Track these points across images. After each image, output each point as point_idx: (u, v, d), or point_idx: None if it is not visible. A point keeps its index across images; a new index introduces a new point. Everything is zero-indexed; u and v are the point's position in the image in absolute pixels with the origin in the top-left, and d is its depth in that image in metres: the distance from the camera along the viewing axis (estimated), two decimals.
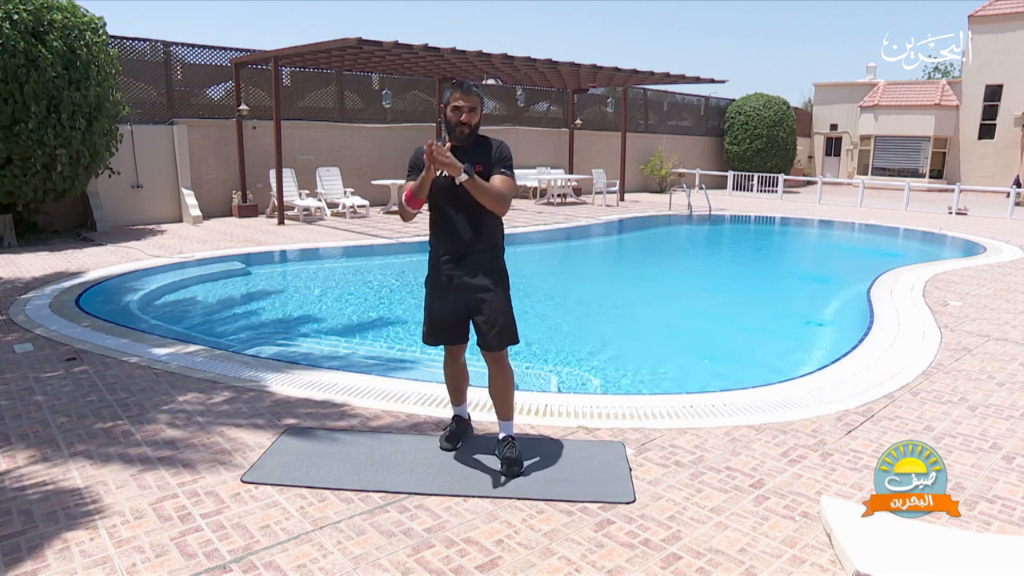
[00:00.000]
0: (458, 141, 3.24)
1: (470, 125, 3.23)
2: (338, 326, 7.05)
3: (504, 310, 3.32)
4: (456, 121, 3.22)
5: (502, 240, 3.45)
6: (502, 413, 3.46)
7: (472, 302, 3.31)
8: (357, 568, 2.61)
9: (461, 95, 3.20)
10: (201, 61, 13.93)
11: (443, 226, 3.32)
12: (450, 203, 3.26)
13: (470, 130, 3.24)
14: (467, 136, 3.24)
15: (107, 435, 3.76)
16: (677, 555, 2.74)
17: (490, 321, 3.29)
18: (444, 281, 3.35)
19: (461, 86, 3.23)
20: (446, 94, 3.26)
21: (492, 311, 3.29)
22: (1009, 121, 27.46)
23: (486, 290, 3.29)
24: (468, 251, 3.30)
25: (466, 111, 3.21)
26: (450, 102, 3.23)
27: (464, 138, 3.24)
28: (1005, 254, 11.29)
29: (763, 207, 19.62)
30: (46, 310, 6.54)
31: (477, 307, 3.30)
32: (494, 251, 3.38)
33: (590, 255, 13.10)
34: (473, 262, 3.30)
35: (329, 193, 14.61)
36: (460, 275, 3.30)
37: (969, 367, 5.21)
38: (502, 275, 3.37)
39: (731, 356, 6.41)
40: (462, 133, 3.23)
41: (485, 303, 3.29)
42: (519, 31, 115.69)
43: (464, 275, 3.30)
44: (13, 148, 9.60)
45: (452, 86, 3.25)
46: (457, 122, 3.21)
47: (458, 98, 3.20)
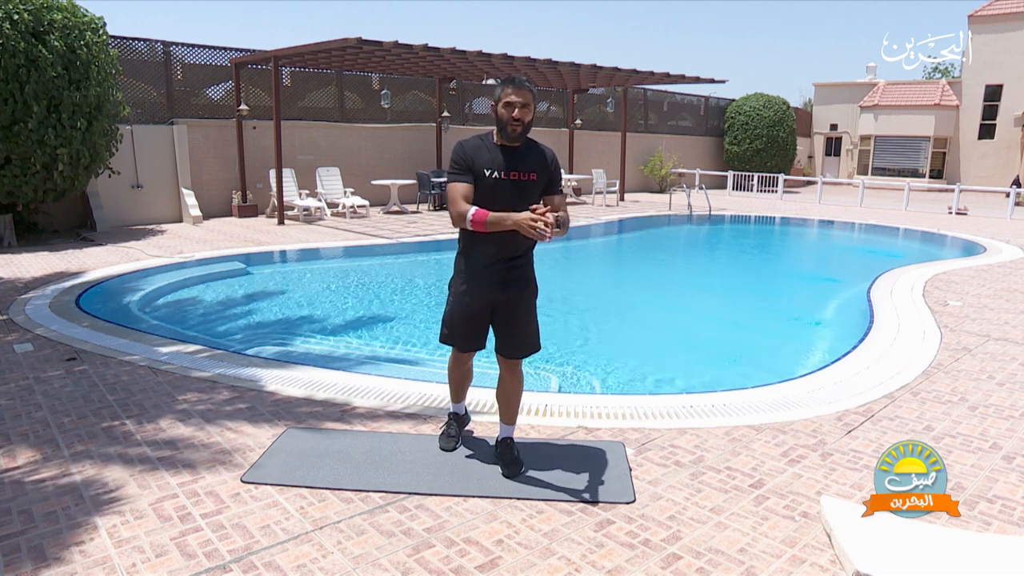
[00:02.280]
0: (509, 140, 3.12)
1: (523, 122, 3.07)
2: (338, 326, 7.05)
3: (534, 320, 3.32)
4: (508, 118, 3.06)
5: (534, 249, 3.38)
6: (507, 417, 3.45)
7: (505, 311, 3.26)
8: (357, 568, 2.61)
9: (514, 90, 3.06)
10: (201, 61, 13.93)
11: (492, 233, 3.08)
12: (506, 211, 3.02)
13: (523, 128, 3.08)
14: (519, 135, 3.10)
15: (107, 435, 3.76)
16: (677, 555, 2.74)
17: (521, 331, 3.27)
18: (482, 288, 3.23)
19: (514, 81, 3.09)
20: (497, 91, 3.12)
21: (523, 320, 3.28)
22: (1009, 121, 27.47)
23: (520, 300, 3.27)
24: (512, 259, 3.22)
25: (519, 107, 3.04)
26: (501, 98, 3.07)
27: (516, 136, 3.09)
28: (1005, 254, 11.29)
29: (763, 207, 19.62)
30: (46, 310, 6.54)
31: (511, 316, 3.26)
32: (530, 260, 3.33)
33: (590, 255, 13.09)
34: (515, 270, 3.24)
35: (329, 193, 14.61)
36: (499, 283, 3.21)
37: (969, 367, 5.21)
38: (535, 285, 3.35)
39: (731, 356, 6.41)
40: (514, 131, 3.08)
41: (519, 313, 3.27)
42: (519, 31, 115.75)
43: (504, 283, 3.22)
44: (13, 148, 9.59)
45: (504, 82, 3.10)
46: (509, 119, 3.06)
47: (511, 93, 3.06)
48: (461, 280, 3.30)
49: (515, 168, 3.12)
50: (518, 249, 3.23)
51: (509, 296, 3.25)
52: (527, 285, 3.29)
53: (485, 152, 3.13)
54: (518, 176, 3.12)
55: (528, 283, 3.30)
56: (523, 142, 3.17)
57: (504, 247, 3.18)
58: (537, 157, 3.20)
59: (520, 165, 3.13)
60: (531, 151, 3.19)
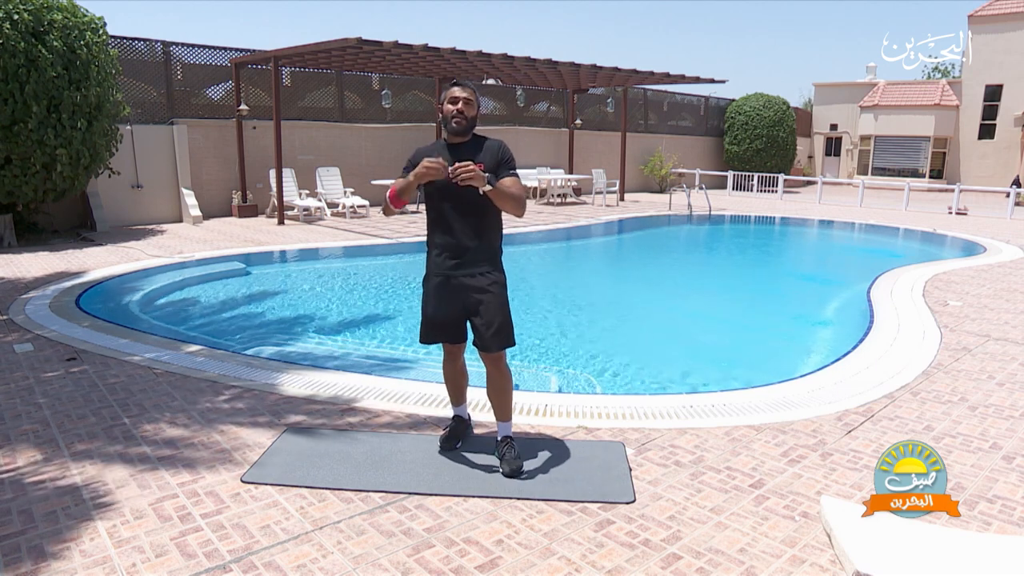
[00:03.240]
0: (454, 135, 3.26)
1: (466, 116, 3.22)
2: (338, 326, 7.05)
3: (502, 311, 3.31)
4: (453, 111, 3.21)
5: (500, 241, 3.45)
6: (500, 414, 3.46)
7: (470, 302, 3.30)
8: (357, 568, 2.61)
9: (457, 87, 3.24)
10: (201, 61, 13.93)
11: (442, 226, 3.31)
12: (450, 203, 3.25)
13: (467, 122, 3.23)
14: (463, 129, 3.24)
15: (107, 435, 3.76)
16: (677, 555, 2.74)
17: (487, 322, 3.28)
18: (442, 281, 3.33)
19: (457, 82, 3.29)
20: (443, 92, 3.29)
21: (490, 312, 3.28)
22: (1009, 121, 27.47)
23: (484, 291, 3.29)
24: (467, 251, 3.28)
25: (462, 101, 3.21)
26: (446, 96, 3.25)
27: (460, 131, 3.24)
28: (1005, 254, 11.29)
29: (763, 207, 19.62)
30: (46, 310, 6.54)
31: (475, 308, 3.29)
32: (493, 252, 3.37)
33: (590, 255, 13.09)
34: (472, 262, 3.29)
35: (329, 193, 14.61)
36: (459, 275, 3.29)
37: (969, 367, 5.21)
38: (500, 276, 3.37)
39: (731, 356, 6.41)
40: (459, 124, 3.22)
41: (483, 304, 3.28)
42: (519, 31, 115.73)
43: (463, 275, 3.29)
44: (13, 148, 9.60)
45: (448, 85, 3.30)
46: (454, 111, 3.21)
47: (455, 90, 3.23)
48: (427, 276, 3.42)
49: (461, 160, 3.16)
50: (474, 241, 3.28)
51: (473, 288, 3.29)
52: (491, 276, 3.31)
53: (435, 150, 3.29)
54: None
55: (490, 274, 3.32)
56: (470, 139, 3.30)
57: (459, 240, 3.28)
58: (483, 148, 3.30)
59: (465, 157, 3.18)
60: (477, 144, 3.31)
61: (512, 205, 3.22)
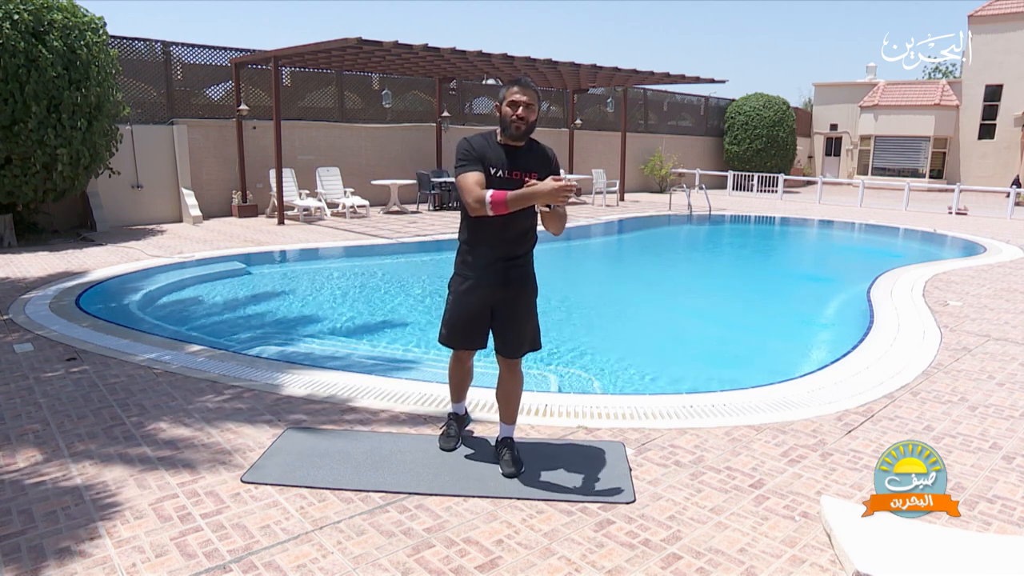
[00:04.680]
0: (512, 139, 3.14)
1: (527, 121, 3.08)
2: (338, 326, 7.05)
3: (535, 319, 3.32)
4: (513, 116, 3.07)
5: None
6: (507, 416, 3.45)
7: (505, 309, 3.25)
8: (357, 568, 2.61)
9: (519, 89, 3.08)
10: (201, 61, 13.93)
11: (493, 232, 3.13)
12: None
13: (526, 127, 3.09)
14: (523, 134, 3.11)
15: (107, 435, 3.76)
16: (677, 555, 2.74)
17: (521, 331, 3.27)
18: (478, 285, 3.22)
19: (519, 81, 3.12)
20: (502, 90, 3.14)
21: (524, 320, 3.27)
22: (1009, 121, 27.47)
23: (519, 299, 3.26)
24: (513, 258, 3.22)
25: (523, 106, 3.06)
26: (507, 97, 3.09)
27: (519, 136, 3.11)
28: (1005, 254, 11.29)
29: (763, 207, 19.62)
30: (46, 310, 6.53)
31: (511, 315, 3.25)
32: (530, 260, 3.33)
33: (590, 255, 13.10)
34: (515, 269, 3.24)
35: (329, 193, 14.61)
36: (500, 282, 3.21)
37: (969, 367, 5.21)
38: (535, 284, 3.35)
39: (731, 356, 6.41)
40: (518, 130, 3.09)
41: (519, 312, 3.26)
42: (519, 31, 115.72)
43: (505, 282, 3.22)
44: (13, 148, 9.59)
45: (510, 82, 3.12)
46: (514, 117, 3.07)
47: (516, 92, 3.08)
48: (462, 279, 3.29)
49: (518, 167, 3.13)
50: (519, 248, 3.24)
51: (509, 295, 3.25)
52: (527, 284, 3.29)
53: (490, 150, 3.14)
54: (520, 175, 3.12)
55: (528, 282, 3.30)
56: (526, 142, 3.18)
57: (506, 246, 3.19)
58: (539, 157, 3.21)
59: (523, 164, 3.13)
60: (533, 151, 3.21)
61: (559, 226, 3.12)
